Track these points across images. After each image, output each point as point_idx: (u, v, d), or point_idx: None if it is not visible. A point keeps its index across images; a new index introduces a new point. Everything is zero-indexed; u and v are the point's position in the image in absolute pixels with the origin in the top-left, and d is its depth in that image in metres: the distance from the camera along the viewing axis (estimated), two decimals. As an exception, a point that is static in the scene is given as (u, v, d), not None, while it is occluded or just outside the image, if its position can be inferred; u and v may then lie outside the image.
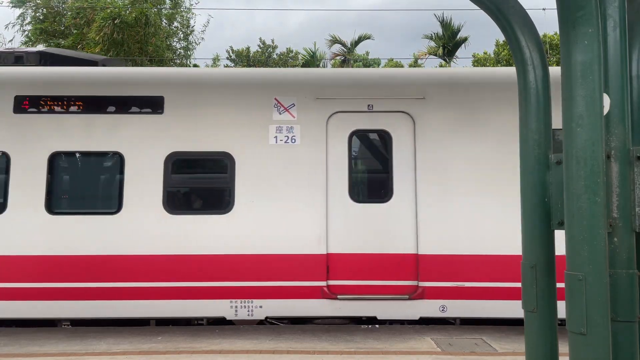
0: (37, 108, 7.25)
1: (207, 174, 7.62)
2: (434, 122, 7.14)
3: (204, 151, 7.21)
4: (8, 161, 7.11)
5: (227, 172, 7.16)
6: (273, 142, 7.15)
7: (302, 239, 6.93)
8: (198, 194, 7.49)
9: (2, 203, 7.07)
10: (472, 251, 6.89)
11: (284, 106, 7.21)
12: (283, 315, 7.18)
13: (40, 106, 7.26)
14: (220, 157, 7.24)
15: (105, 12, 17.96)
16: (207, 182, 7.54)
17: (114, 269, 6.94)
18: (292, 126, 7.19)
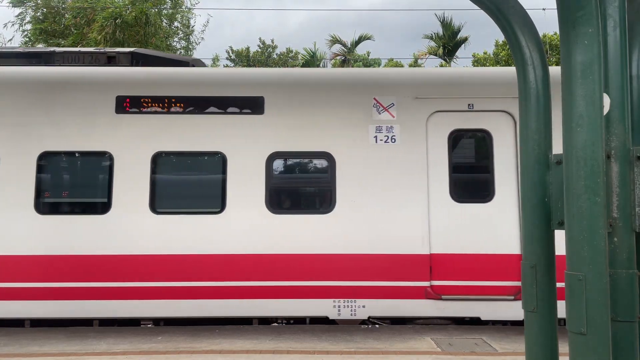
0: (138, 108, 7.29)
1: (307, 173, 7.66)
2: None
3: (305, 151, 7.29)
4: (112, 161, 7.16)
5: (328, 172, 7.22)
6: (373, 142, 7.19)
7: (405, 239, 6.92)
8: (299, 194, 7.55)
9: (106, 203, 7.10)
10: None
11: (384, 106, 7.25)
12: (386, 315, 7.21)
13: (141, 106, 7.30)
14: (320, 157, 7.29)
15: (107, 12, 17.97)
16: (308, 182, 7.58)
17: (217, 267, 6.97)
18: (391, 126, 7.23)
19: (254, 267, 6.97)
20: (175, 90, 7.37)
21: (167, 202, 7.21)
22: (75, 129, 7.23)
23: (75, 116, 7.25)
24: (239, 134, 7.23)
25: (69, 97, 7.31)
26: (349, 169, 7.13)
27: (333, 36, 27.76)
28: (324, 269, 6.97)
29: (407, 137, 7.17)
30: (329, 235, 6.99)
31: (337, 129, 7.22)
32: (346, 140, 7.18)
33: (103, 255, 6.95)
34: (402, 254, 6.94)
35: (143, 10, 18.41)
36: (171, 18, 20.95)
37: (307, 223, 7.07)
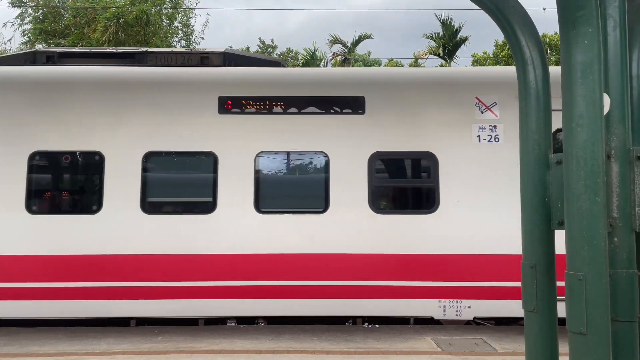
0: (240, 109, 7.33)
1: (410, 173, 7.67)
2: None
3: (407, 151, 7.28)
4: (216, 161, 7.20)
5: (430, 171, 7.21)
6: (476, 142, 7.18)
7: (509, 239, 6.79)
8: (402, 194, 7.56)
9: (211, 202, 7.13)
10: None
11: (486, 105, 7.25)
12: (492, 315, 7.22)
13: (243, 107, 7.34)
14: (423, 157, 7.29)
15: (109, 12, 17.97)
16: (411, 182, 7.59)
17: (320, 267, 6.99)
18: (495, 125, 7.22)
19: (357, 267, 6.97)
20: (276, 90, 7.43)
21: (271, 202, 7.26)
22: (179, 129, 7.27)
23: (179, 116, 7.30)
24: (340, 134, 7.25)
25: (173, 97, 7.36)
26: (452, 168, 7.13)
27: (333, 36, 27.76)
28: (429, 269, 6.97)
29: (510, 136, 7.11)
30: (433, 235, 7.00)
31: (439, 129, 7.22)
32: (449, 140, 7.18)
33: (209, 254, 7.01)
34: (508, 254, 6.88)
35: (144, 10, 18.42)
36: (171, 18, 20.95)
37: (411, 223, 7.07)
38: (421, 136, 7.22)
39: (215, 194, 7.14)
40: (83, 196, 7.51)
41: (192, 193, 7.46)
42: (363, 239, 6.99)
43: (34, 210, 7.10)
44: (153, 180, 7.29)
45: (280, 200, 7.35)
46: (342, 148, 7.21)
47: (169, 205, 7.43)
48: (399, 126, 7.25)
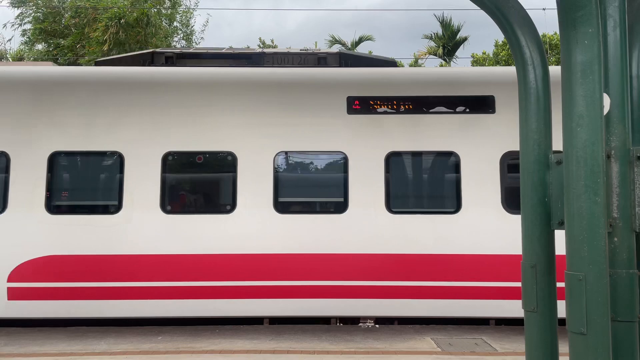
0: (368, 109, 7.33)
1: None
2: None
3: None
4: (346, 161, 7.21)
5: None
6: None
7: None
8: None
9: (342, 202, 7.15)
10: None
11: None
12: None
13: (371, 107, 7.33)
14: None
15: (111, 12, 17.99)
16: None
17: (452, 267, 6.96)
18: None
19: (491, 267, 6.95)
20: (404, 90, 7.41)
21: (402, 202, 7.25)
22: (309, 129, 7.29)
23: (308, 117, 7.31)
24: (470, 133, 7.22)
25: (303, 97, 7.38)
26: None
27: (333, 36, 27.75)
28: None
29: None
30: None
31: None
32: None
33: (341, 254, 7.00)
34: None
35: (144, 12, 18.44)
36: (170, 18, 20.96)
37: None
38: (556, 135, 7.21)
39: (346, 193, 7.15)
40: (217, 196, 7.56)
41: (323, 193, 7.50)
42: (496, 239, 6.96)
43: (168, 210, 7.13)
44: (284, 180, 7.32)
45: (411, 201, 7.36)
46: (472, 148, 7.17)
47: (301, 204, 7.45)
48: None
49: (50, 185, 7.10)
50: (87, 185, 7.44)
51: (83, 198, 7.38)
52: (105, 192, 7.37)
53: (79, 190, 7.42)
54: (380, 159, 7.18)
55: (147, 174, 7.11)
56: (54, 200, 7.13)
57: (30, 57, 21.09)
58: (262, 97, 7.37)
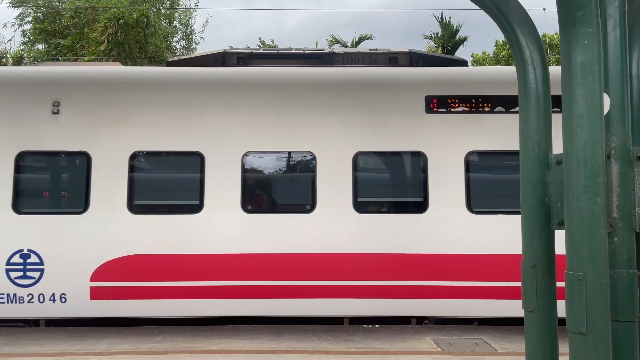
0: (446, 108, 7.31)
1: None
2: None
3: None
4: (426, 161, 7.21)
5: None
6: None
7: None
8: None
9: (423, 202, 7.15)
10: None
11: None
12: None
13: (449, 106, 7.31)
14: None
15: (110, 12, 17.99)
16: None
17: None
18: None
19: None
20: (483, 89, 7.37)
21: (483, 202, 7.21)
22: (387, 129, 7.27)
23: (387, 116, 7.30)
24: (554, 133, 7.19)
25: (382, 97, 7.37)
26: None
27: (333, 36, 27.73)
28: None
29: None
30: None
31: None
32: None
33: (420, 254, 6.99)
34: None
35: (144, 13, 18.44)
36: (170, 18, 20.96)
37: None
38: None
39: (426, 193, 7.13)
40: (297, 195, 7.55)
41: (403, 193, 7.50)
42: None
43: (249, 210, 7.15)
44: (364, 180, 7.31)
45: (492, 201, 7.29)
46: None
47: (380, 204, 7.45)
48: None
49: (131, 185, 7.13)
50: (168, 185, 7.54)
51: (164, 198, 7.45)
52: (186, 192, 7.40)
53: (160, 190, 7.49)
54: (460, 159, 7.17)
55: (227, 174, 7.14)
56: (136, 200, 7.16)
57: (30, 57, 21.09)
58: (340, 97, 7.39)
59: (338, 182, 7.14)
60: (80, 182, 7.16)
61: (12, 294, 6.92)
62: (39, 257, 6.94)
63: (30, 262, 6.94)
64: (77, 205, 7.09)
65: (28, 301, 6.92)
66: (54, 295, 6.93)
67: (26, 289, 6.93)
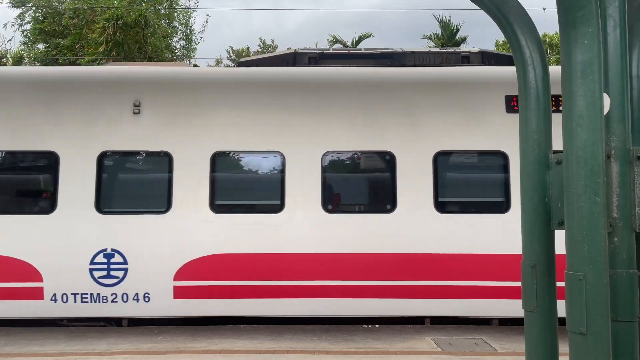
0: None
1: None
2: None
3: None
4: (507, 161, 7.18)
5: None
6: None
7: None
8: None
9: (504, 202, 7.10)
10: None
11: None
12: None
13: None
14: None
15: (109, 13, 17.98)
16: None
17: None
18: None
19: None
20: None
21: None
22: (467, 128, 7.25)
23: (467, 116, 7.28)
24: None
25: (462, 97, 7.34)
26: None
27: (333, 36, 27.74)
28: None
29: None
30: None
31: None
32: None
33: (504, 255, 6.93)
34: None
35: (142, 13, 18.44)
36: (169, 18, 20.95)
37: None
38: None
39: (508, 194, 7.10)
40: (377, 195, 7.56)
41: (485, 193, 7.47)
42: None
43: (329, 209, 7.15)
44: (444, 180, 7.30)
45: None
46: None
47: (461, 204, 7.45)
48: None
49: (213, 185, 7.15)
50: (249, 184, 7.58)
51: (246, 197, 7.49)
52: (267, 192, 7.43)
53: (241, 189, 7.53)
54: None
55: (307, 173, 7.17)
56: (217, 200, 7.17)
57: (31, 57, 21.08)
58: (417, 96, 7.38)
59: (418, 182, 7.15)
60: (162, 182, 7.20)
61: (96, 293, 6.95)
62: (122, 257, 6.98)
63: (114, 261, 6.98)
64: (159, 204, 7.13)
65: (112, 301, 6.95)
66: (137, 294, 6.98)
67: (110, 288, 6.96)
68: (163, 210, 7.07)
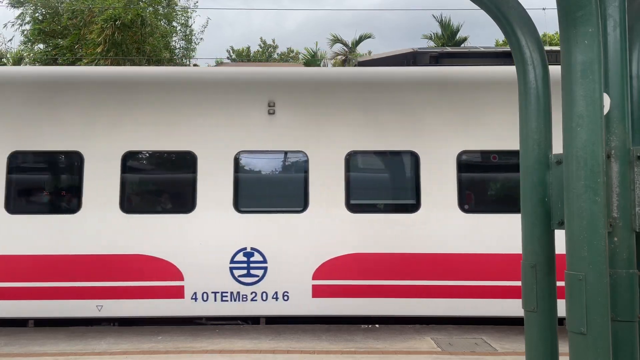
0: None
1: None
2: None
3: None
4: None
5: None
6: None
7: None
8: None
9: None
10: None
11: None
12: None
13: None
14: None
15: (106, 14, 17.97)
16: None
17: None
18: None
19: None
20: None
21: None
22: None
23: None
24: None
25: None
26: None
27: (334, 35, 27.70)
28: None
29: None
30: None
31: None
32: None
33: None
34: None
35: (139, 13, 18.42)
36: (168, 17, 20.92)
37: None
38: None
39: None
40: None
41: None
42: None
43: (466, 209, 7.17)
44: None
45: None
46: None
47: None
48: None
49: (348, 184, 7.18)
50: (384, 184, 7.63)
51: (381, 197, 7.53)
52: (402, 191, 7.49)
53: (375, 189, 7.59)
54: None
55: (442, 173, 7.17)
56: (353, 199, 7.20)
57: (30, 57, 21.08)
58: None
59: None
60: (298, 182, 7.29)
61: (236, 292, 7.02)
62: (262, 256, 7.05)
63: (253, 260, 7.05)
64: (296, 204, 7.19)
65: (251, 299, 7.02)
66: (276, 293, 7.04)
67: (250, 287, 7.03)
68: (300, 209, 7.14)
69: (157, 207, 7.46)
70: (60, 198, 7.48)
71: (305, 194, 7.15)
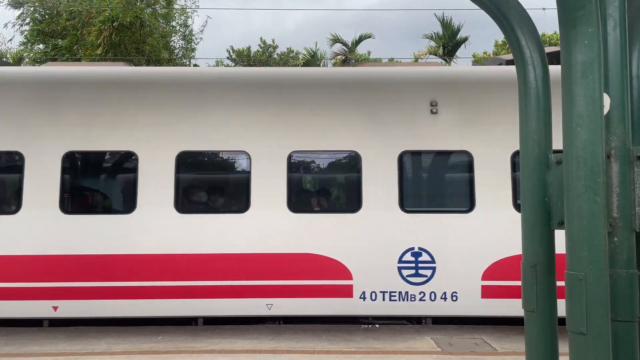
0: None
1: None
2: None
3: None
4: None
5: None
6: None
7: None
8: None
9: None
10: None
11: None
12: None
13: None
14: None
15: (104, 15, 17.95)
16: None
17: None
18: None
19: None
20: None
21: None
22: None
23: None
24: None
25: None
26: None
27: (334, 35, 27.68)
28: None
29: None
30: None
31: None
32: None
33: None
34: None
35: (137, 15, 18.41)
36: (167, 18, 20.90)
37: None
38: None
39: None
40: (456, 194, 7.54)
41: None
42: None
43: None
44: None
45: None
46: None
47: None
48: None
49: (515, 184, 7.14)
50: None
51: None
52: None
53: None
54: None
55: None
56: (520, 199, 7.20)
57: (30, 57, 21.07)
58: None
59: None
60: (462, 181, 7.29)
61: (404, 292, 7.02)
62: (430, 255, 7.04)
63: (421, 260, 7.04)
64: (462, 204, 7.21)
65: (419, 299, 7.02)
66: (445, 293, 7.03)
67: (418, 287, 7.03)
68: (466, 209, 7.14)
69: (325, 207, 7.47)
70: (229, 198, 7.63)
71: (471, 193, 7.15)
